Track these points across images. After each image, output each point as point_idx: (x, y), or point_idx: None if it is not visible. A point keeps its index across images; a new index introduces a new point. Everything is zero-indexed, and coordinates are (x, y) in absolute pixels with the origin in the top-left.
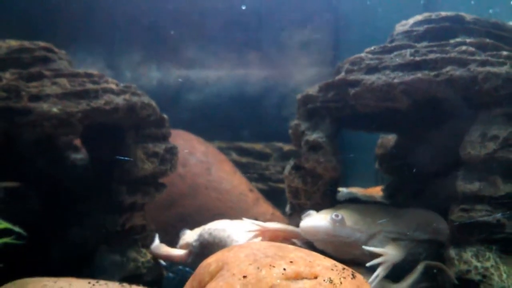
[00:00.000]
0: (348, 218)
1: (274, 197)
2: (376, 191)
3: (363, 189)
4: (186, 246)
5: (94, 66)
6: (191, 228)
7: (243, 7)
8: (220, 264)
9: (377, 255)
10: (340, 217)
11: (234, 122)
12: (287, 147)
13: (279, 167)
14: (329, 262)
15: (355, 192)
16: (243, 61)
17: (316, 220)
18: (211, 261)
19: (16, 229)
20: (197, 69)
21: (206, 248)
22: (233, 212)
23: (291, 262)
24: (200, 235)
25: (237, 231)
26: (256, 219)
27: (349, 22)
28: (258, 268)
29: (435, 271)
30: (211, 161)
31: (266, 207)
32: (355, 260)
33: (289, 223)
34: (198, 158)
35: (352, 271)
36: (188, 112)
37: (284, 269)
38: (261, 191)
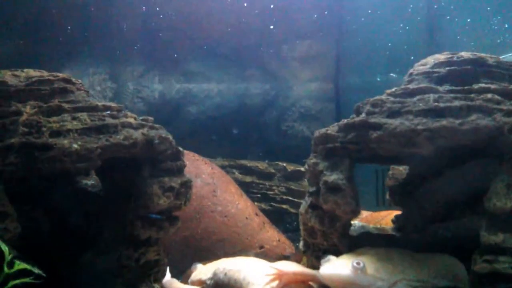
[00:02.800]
0: (369, 265)
1: (278, 218)
2: (383, 217)
3: (369, 213)
4: (199, 283)
5: (96, 78)
6: (196, 252)
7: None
8: None
9: None
10: (361, 264)
11: (234, 135)
12: (291, 167)
13: (283, 187)
14: None
15: (367, 226)
16: (244, 74)
17: (337, 267)
18: None
19: (36, 270)
20: (199, 82)
21: None
22: (239, 237)
23: None
24: (215, 274)
25: (254, 273)
26: (262, 246)
27: (351, 37)
28: None
29: None
30: (217, 183)
31: (272, 232)
32: None
33: (294, 256)
34: (204, 180)
35: None
36: (189, 124)
37: None
38: (264, 211)
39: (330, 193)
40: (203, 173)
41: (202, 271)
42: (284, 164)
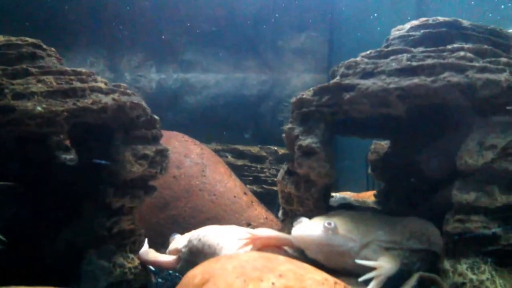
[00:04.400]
0: (341, 226)
1: (269, 199)
2: (368, 196)
3: (355, 194)
4: (176, 251)
5: (94, 68)
6: (184, 231)
7: None
8: (206, 276)
9: (371, 268)
10: (332, 225)
11: (231, 125)
12: (282, 150)
13: (274, 170)
14: (320, 275)
15: (348, 198)
16: (241, 66)
17: (308, 228)
18: (196, 273)
19: None
20: (196, 72)
21: (195, 254)
22: (227, 215)
23: (280, 275)
24: (189, 241)
25: (228, 238)
26: (249, 223)
27: (345, 30)
28: (245, 281)
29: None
30: (206, 163)
31: (259, 210)
32: (347, 269)
33: (282, 229)
34: (193, 159)
35: (344, 286)
36: (187, 114)
37: (273, 283)
38: (256, 193)
39: (304, 157)
40: (192, 153)
41: (180, 240)
42: (275, 148)
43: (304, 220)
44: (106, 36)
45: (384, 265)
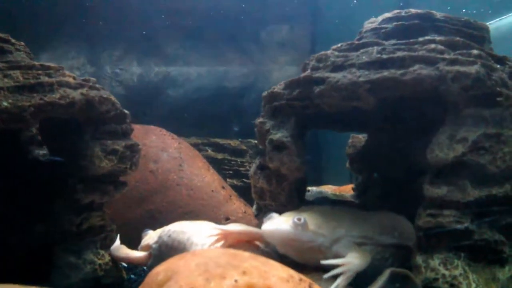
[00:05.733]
0: (311, 221)
1: (249, 193)
2: (349, 189)
3: (337, 187)
4: (147, 247)
5: (75, 61)
6: (161, 226)
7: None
8: (169, 274)
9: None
10: (302, 220)
11: (213, 117)
12: None
13: None
14: (285, 272)
15: (325, 191)
16: (223, 58)
17: (278, 224)
18: (160, 270)
19: None
20: (178, 65)
21: (165, 251)
22: (204, 209)
23: (243, 272)
24: (160, 237)
25: (198, 234)
26: (227, 217)
27: (328, 22)
28: (207, 279)
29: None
30: (184, 157)
31: (238, 204)
32: (319, 265)
33: (258, 224)
34: (171, 154)
35: (309, 282)
36: (168, 107)
37: (236, 280)
38: (236, 187)
39: (275, 151)
40: (169, 147)
41: (151, 236)
42: (256, 141)
43: (274, 215)
44: (87, 30)
45: (352, 261)
